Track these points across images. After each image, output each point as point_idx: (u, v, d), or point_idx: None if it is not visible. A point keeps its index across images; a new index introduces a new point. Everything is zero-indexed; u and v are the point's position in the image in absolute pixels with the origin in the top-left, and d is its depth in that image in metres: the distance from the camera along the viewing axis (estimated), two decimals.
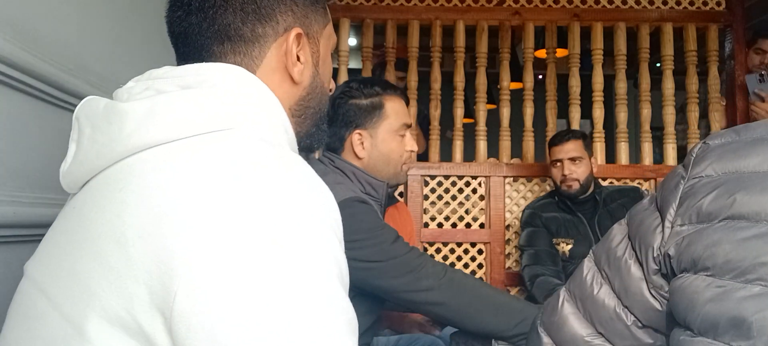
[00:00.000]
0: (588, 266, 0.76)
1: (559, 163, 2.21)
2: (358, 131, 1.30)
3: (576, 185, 2.18)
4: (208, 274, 0.45)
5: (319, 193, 0.54)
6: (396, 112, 1.33)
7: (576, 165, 2.18)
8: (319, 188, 0.54)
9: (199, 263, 0.45)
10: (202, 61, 0.65)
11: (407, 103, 1.40)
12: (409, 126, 1.36)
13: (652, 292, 0.68)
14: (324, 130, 0.77)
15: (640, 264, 0.69)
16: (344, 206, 1.19)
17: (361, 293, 1.19)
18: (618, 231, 0.75)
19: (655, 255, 0.67)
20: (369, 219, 1.18)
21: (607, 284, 0.73)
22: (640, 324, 0.71)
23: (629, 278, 0.70)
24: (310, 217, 0.50)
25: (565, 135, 2.24)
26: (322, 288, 0.48)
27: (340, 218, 0.56)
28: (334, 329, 0.47)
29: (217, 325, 0.44)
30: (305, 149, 0.74)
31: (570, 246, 2.21)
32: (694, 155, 0.68)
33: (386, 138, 1.31)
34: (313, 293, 0.47)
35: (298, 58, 0.68)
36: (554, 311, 0.78)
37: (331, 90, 0.78)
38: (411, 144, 1.37)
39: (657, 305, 0.68)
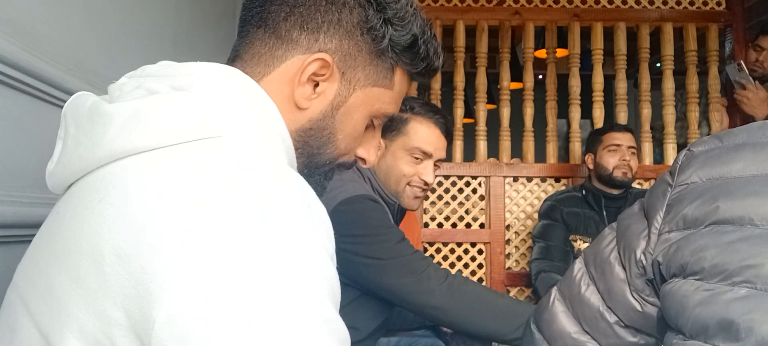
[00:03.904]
0: (578, 266, 0.78)
1: (618, 147, 2.16)
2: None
3: (630, 174, 2.15)
4: (190, 300, 0.42)
5: (312, 209, 0.49)
6: (417, 133, 1.30)
7: (632, 156, 2.17)
8: (312, 204, 0.50)
9: (179, 288, 0.42)
10: (242, 37, 0.64)
11: (450, 141, 1.32)
12: (428, 156, 1.31)
13: (634, 294, 0.70)
14: (322, 186, 0.68)
15: (624, 267, 0.71)
16: (354, 200, 1.20)
17: (366, 295, 1.20)
18: (608, 234, 0.76)
19: (637, 259, 0.68)
20: (377, 216, 1.20)
21: (593, 284, 0.75)
22: (622, 324, 0.73)
23: (613, 280, 0.72)
24: (301, 236, 0.46)
25: (624, 126, 2.26)
26: (314, 311, 0.44)
27: (333, 233, 0.51)
28: None
29: None
30: None
31: (587, 245, 2.17)
32: (680, 163, 0.70)
33: (396, 153, 1.30)
34: (305, 318, 0.44)
35: (317, 85, 0.62)
36: (545, 308, 0.80)
37: (363, 160, 0.70)
38: (426, 175, 1.31)
39: (638, 306, 0.70)
